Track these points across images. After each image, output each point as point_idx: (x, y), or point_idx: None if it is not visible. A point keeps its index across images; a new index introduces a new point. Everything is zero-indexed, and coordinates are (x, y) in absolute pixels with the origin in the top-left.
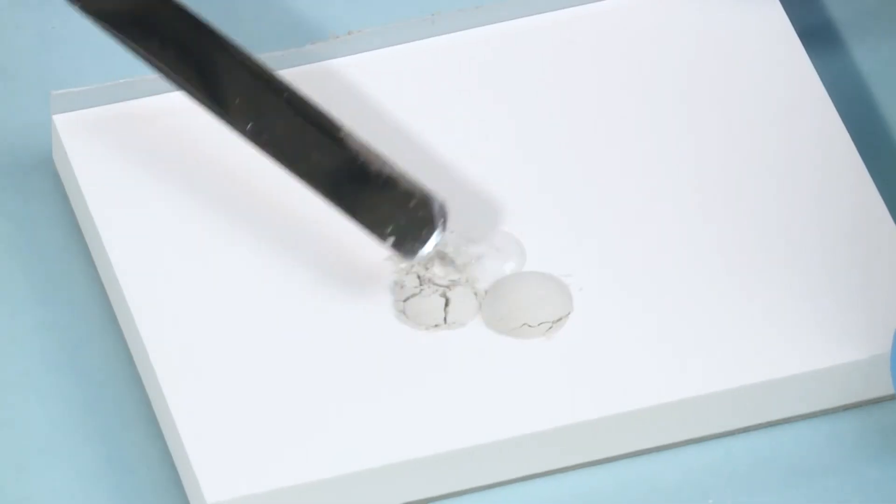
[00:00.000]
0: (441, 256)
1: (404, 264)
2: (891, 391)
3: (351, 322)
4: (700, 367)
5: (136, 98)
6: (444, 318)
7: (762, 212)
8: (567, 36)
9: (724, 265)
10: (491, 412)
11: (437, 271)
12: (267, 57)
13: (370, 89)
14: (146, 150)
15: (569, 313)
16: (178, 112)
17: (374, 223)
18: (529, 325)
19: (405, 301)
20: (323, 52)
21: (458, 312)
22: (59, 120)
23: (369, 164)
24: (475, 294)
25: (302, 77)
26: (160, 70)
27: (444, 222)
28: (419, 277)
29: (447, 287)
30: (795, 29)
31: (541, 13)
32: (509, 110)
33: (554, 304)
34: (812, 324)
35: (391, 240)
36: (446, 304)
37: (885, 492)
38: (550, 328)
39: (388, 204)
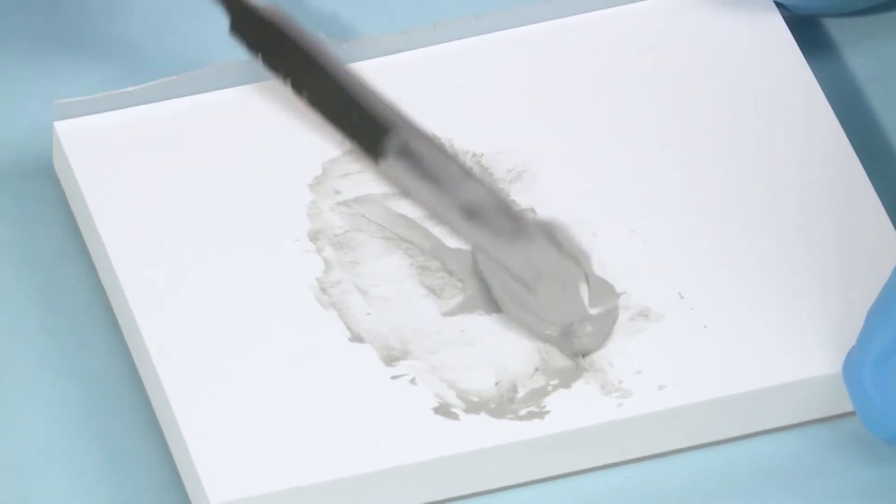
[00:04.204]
0: None
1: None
2: None
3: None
4: (699, 375)
5: (137, 105)
6: None
7: (762, 216)
8: (567, 44)
9: (722, 271)
10: (490, 417)
11: None
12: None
13: None
14: (147, 157)
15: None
16: (179, 119)
17: None
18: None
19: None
20: None
21: None
22: (61, 126)
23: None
24: None
25: None
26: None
27: None
28: None
29: None
30: (793, 35)
31: (540, 22)
32: (510, 117)
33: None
34: (813, 331)
35: None
36: None
37: (884, 496)
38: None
39: None
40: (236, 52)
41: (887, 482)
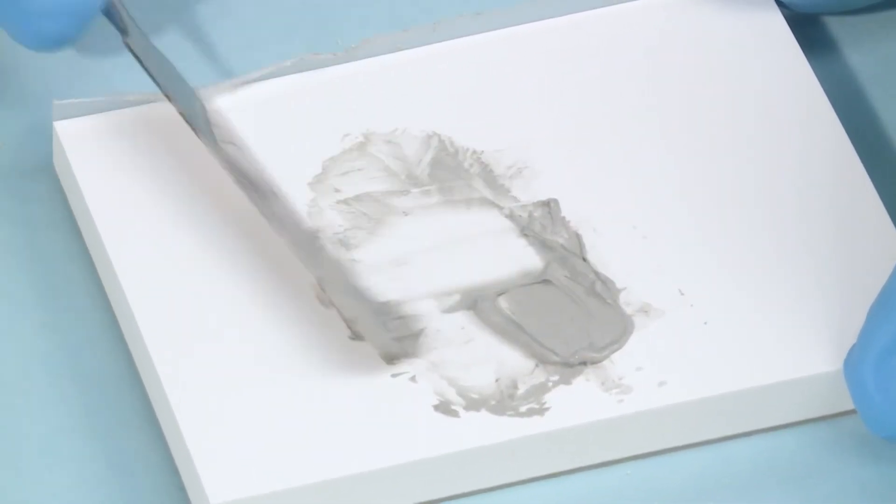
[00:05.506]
0: None
1: None
2: None
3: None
4: (699, 372)
5: (137, 105)
6: None
7: (763, 214)
8: (567, 42)
9: (723, 268)
10: (490, 414)
11: None
12: (270, 65)
13: (372, 95)
14: (147, 157)
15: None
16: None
17: None
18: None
19: None
20: (325, 59)
21: None
22: (61, 127)
23: None
24: None
25: (304, 83)
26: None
27: None
28: None
29: None
30: (794, 33)
31: (541, 20)
32: (511, 114)
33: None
34: (813, 328)
35: None
36: None
37: (884, 495)
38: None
39: None
40: (236, 51)
41: (887, 481)
